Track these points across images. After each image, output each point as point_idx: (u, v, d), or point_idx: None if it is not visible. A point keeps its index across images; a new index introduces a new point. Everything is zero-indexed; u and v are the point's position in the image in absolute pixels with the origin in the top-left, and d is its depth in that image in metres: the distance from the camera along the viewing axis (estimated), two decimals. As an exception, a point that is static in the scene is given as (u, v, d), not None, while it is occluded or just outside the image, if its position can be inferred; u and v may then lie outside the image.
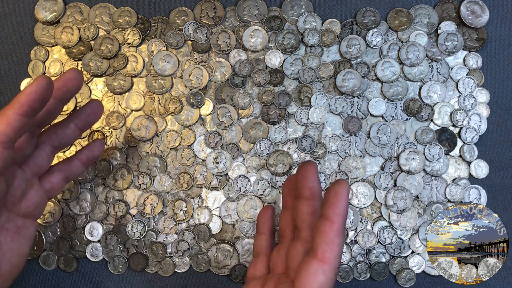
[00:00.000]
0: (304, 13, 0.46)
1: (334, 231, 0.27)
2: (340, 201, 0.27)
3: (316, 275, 0.27)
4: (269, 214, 0.38)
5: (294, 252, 0.32)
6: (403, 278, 0.44)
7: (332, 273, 0.27)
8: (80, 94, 0.45)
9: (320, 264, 0.27)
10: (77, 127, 0.37)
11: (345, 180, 0.28)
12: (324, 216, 0.28)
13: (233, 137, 0.45)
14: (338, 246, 0.27)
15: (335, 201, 0.27)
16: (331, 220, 0.27)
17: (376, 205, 0.45)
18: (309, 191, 0.31)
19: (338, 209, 0.27)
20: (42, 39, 0.46)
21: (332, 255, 0.27)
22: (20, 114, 0.30)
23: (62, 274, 0.45)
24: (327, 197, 0.28)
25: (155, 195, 0.44)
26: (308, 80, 0.45)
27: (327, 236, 0.27)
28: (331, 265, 0.27)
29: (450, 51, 0.45)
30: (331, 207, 0.27)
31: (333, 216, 0.27)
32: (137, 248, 0.44)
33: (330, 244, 0.27)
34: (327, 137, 0.45)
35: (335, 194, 0.27)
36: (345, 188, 0.27)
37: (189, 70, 0.45)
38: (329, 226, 0.27)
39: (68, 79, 0.33)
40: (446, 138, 0.45)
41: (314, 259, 0.28)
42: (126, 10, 0.46)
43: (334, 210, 0.27)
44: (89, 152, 0.39)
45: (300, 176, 0.31)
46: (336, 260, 0.28)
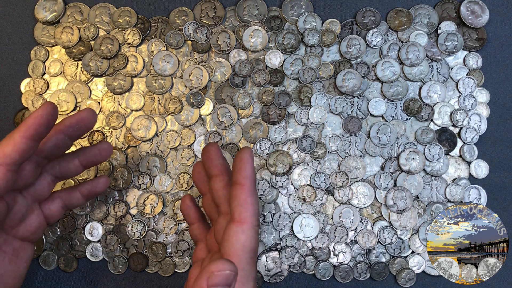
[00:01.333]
0: (304, 13, 0.46)
1: (245, 192, 0.30)
2: (245, 165, 0.30)
3: (236, 236, 0.30)
4: (189, 205, 0.38)
5: (218, 227, 0.33)
6: (403, 278, 0.44)
7: (251, 231, 0.30)
8: (80, 94, 0.45)
9: (238, 225, 0.30)
10: (81, 164, 0.37)
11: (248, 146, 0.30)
12: (234, 182, 0.30)
13: (233, 137, 0.45)
14: (252, 205, 0.30)
15: (241, 165, 0.30)
16: (240, 183, 0.30)
17: (376, 205, 0.45)
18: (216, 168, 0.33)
19: (245, 172, 0.30)
20: (42, 39, 0.46)
21: (247, 214, 0.30)
22: (26, 137, 0.30)
23: (62, 274, 0.45)
24: (234, 165, 0.31)
25: (155, 195, 0.44)
26: (308, 80, 0.45)
27: (239, 198, 0.30)
28: (248, 224, 0.30)
29: (450, 51, 0.45)
30: (238, 172, 0.30)
31: (241, 179, 0.30)
32: (137, 248, 0.44)
33: (244, 204, 0.30)
34: (327, 137, 0.45)
35: (240, 159, 0.30)
36: (247, 153, 0.30)
37: (189, 70, 0.45)
38: (240, 189, 0.30)
39: (81, 119, 0.34)
40: (446, 138, 0.45)
41: (232, 222, 0.30)
42: (126, 10, 0.46)
43: (241, 174, 0.30)
44: (91, 187, 0.39)
45: (205, 158, 0.34)
46: (252, 218, 0.30)
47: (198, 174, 0.36)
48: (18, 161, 0.31)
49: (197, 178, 0.37)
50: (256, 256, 0.31)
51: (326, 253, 0.44)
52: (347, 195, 0.44)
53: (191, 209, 0.38)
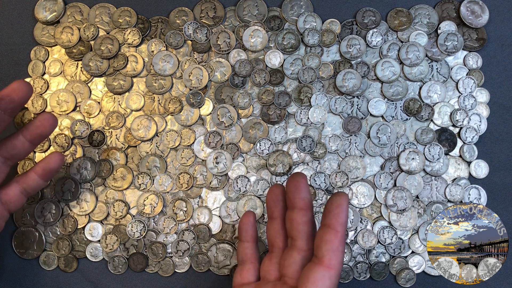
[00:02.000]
0: (304, 13, 0.46)
1: (339, 239, 0.30)
2: (342, 211, 0.30)
3: (323, 280, 0.29)
4: (251, 222, 0.38)
5: (290, 261, 0.33)
6: (403, 278, 0.44)
7: (336, 279, 0.30)
8: (80, 94, 0.45)
9: (326, 270, 0.30)
10: (25, 139, 0.36)
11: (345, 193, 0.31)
12: (328, 225, 0.30)
13: (233, 137, 0.45)
14: (342, 254, 0.30)
15: (338, 211, 0.30)
16: (335, 229, 0.30)
17: (376, 205, 0.45)
18: (303, 201, 0.33)
19: (341, 219, 0.30)
20: (42, 39, 0.46)
21: (337, 261, 0.30)
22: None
23: (62, 274, 0.45)
24: (330, 208, 0.30)
25: (155, 195, 0.44)
26: (308, 80, 0.45)
27: (332, 244, 0.30)
28: (336, 271, 0.30)
29: (450, 51, 0.45)
30: (334, 218, 0.30)
31: (336, 226, 0.30)
32: (137, 248, 0.44)
33: (336, 251, 0.30)
34: (327, 137, 0.45)
35: (338, 205, 0.30)
36: (346, 200, 0.30)
37: (189, 70, 0.45)
38: (334, 235, 0.30)
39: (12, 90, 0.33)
40: (446, 138, 0.45)
41: (320, 266, 0.30)
42: (126, 10, 0.46)
43: (337, 220, 0.30)
44: (44, 164, 0.38)
45: (293, 188, 0.33)
46: (340, 266, 0.30)
47: (275, 197, 0.36)
48: None
49: (273, 200, 0.36)
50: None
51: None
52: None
53: (252, 228, 0.38)
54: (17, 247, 0.44)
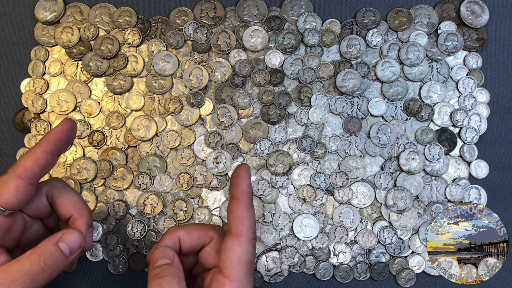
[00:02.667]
0: (304, 13, 0.46)
1: (242, 206, 0.31)
2: (242, 180, 0.31)
3: (232, 249, 0.30)
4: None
5: None
6: (403, 278, 0.44)
7: (247, 244, 0.31)
8: (80, 94, 0.45)
9: (234, 238, 0.31)
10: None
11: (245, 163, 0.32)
12: (231, 196, 0.31)
13: (233, 137, 0.45)
14: (248, 220, 0.31)
15: (238, 181, 0.31)
16: (237, 198, 0.31)
17: (376, 205, 0.45)
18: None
19: (242, 187, 0.31)
20: (42, 39, 0.46)
21: (244, 227, 0.31)
22: (46, 152, 0.32)
23: (62, 274, 0.44)
24: (231, 181, 0.31)
25: (155, 195, 0.44)
26: (308, 80, 0.45)
27: (236, 212, 0.31)
28: (245, 237, 0.31)
29: (450, 51, 0.45)
30: (235, 188, 0.31)
31: (238, 194, 0.31)
32: (137, 248, 0.44)
33: (240, 218, 0.31)
34: (327, 137, 0.45)
35: (237, 175, 0.31)
36: (244, 169, 0.31)
37: (189, 70, 0.45)
38: (237, 204, 0.31)
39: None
40: (446, 138, 0.45)
41: (229, 236, 0.31)
42: (126, 10, 0.46)
43: (238, 189, 0.31)
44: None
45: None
46: (248, 232, 0.31)
47: None
48: (38, 175, 0.32)
49: None
50: (253, 269, 0.32)
51: (326, 253, 0.44)
52: (347, 195, 0.44)
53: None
54: (17, 247, 0.44)
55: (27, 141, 0.45)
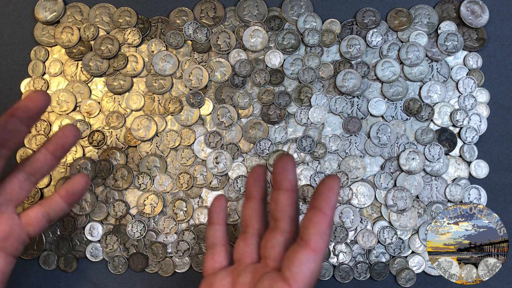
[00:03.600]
0: (304, 13, 0.46)
1: (327, 222, 0.29)
2: (333, 195, 0.29)
3: (308, 263, 0.29)
4: (222, 204, 0.37)
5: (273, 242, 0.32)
6: (403, 278, 0.44)
7: (321, 263, 0.30)
8: (80, 94, 0.45)
9: (312, 253, 0.29)
10: (48, 151, 0.35)
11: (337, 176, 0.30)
12: (317, 208, 0.29)
13: (233, 137, 0.45)
14: (328, 237, 0.29)
15: (329, 194, 0.29)
16: (324, 212, 0.29)
17: (376, 205, 0.45)
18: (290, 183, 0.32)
19: (332, 202, 0.29)
20: (42, 39, 0.46)
21: (323, 245, 0.29)
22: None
23: (62, 274, 0.45)
24: (321, 190, 0.29)
25: (155, 195, 0.44)
26: (308, 80, 0.45)
27: (320, 227, 0.29)
28: (322, 255, 0.29)
29: (450, 51, 0.45)
30: (325, 200, 0.29)
31: (326, 209, 0.29)
32: (137, 248, 0.44)
33: (323, 235, 0.29)
34: (327, 137, 0.45)
35: (329, 188, 0.29)
36: (337, 183, 0.29)
37: (189, 70, 0.45)
38: (323, 218, 0.29)
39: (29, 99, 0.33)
40: (446, 138, 0.45)
41: (306, 249, 0.29)
42: (126, 10, 0.46)
43: (327, 203, 0.29)
44: (68, 186, 0.37)
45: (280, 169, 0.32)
46: (326, 250, 0.30)
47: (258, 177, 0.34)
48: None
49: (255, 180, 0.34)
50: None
51: (326, 253, 0.44)
52: (347, 195, 0.44)
53: (223, 210, 0.36)
54: (17, 247, 0.44)
55: (27, 141, 0.45)
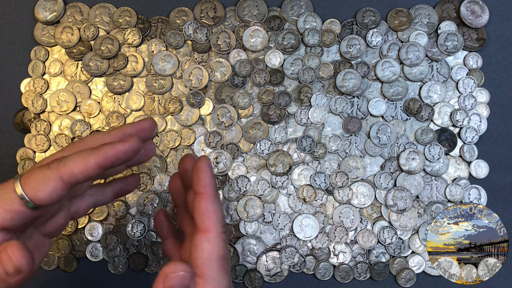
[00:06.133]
0: (304, 13, 0.46)
1: (205, 200, 0.29)
2: (203, 173, 0.29)
3: (201, 245, 0.29)
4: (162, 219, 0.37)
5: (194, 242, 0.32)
6: (403, 278, 0.44)
7: (217, 239, 0.29)
8: (80, 94, 0.45)
9: (202, 234, 0.29)
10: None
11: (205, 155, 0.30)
12: (194, 191, 0.30)
13: (233, 137, 0.45)
14: (214, 213, 0.29)
15: (199, 174, 0.29)
16: (200, 192, 0.29)
17: (376, 205, 0.45)
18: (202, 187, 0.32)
19: (203, 180, 0.29)
20: (42, 39, 0.46)
21: (210, 222, 0.29)
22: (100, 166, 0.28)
23: (62, 274, 0.45)
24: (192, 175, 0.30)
25: (155, 195, 0.44)
26: (308, 80, 0.45)
27: (200, 207, 0.29)
28: (213, 232, 0.29)
29: (450, 51, 0.45)
30: (197, 182, 0.29)
31: (200, 188, 0.29)
32: (137, 248, 0.44)
33: (206, 213, 0.29)
34: (327, 137, 0.45)
35: (197, 169, 0.29)
36: (204, 162, 0.29)
37: (189, 70, 0.45)
38: (200, 198, 0.29)
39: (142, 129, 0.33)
40: (446, 138, 0.45)
41: (197, 233, 0.29)
42: (126, 10, 0.46)
43: (200, 183, 0.29)
44: (124, 185, 0.37)
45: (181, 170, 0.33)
46: (216, 226, 0.29)
47: (174, 185, 0.35)
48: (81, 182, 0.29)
49: (173, 188, 0.35)
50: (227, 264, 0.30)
51: (326, 253, 0.44)
52: (347, 195, 0.44)
53: (164, 224, 0.36)
54: (17, 247, 0.44)
55: (27, 141, 0.45)
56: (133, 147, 0.29)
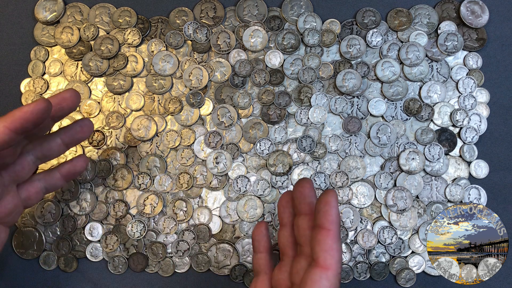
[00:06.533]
0: (304, 13, 0.46)
1: (331, 237, 0.29)
2: (331, 209, 0.29)
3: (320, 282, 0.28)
4: (263, 231, 0.37)
5: (298, 268, 0.32)
6: (403, 278, 0.44)
7: (335, 279, 0.29)
8: (80, 94, 0.45)
9: (322, 271, 0.28)
10: (63, 142, 0.37)
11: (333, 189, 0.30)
12: (319, 225, 0.29)
13: (233, 137, 0.45)
14: (337, 252, 0.29)
15: (327, 209, 0.29)
16: (326, 228, 0.29)
17: (376, 205, 0.45)
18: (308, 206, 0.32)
19: (331, 216, 0.29)
20: (42, 39, 0.46)
21: (333, 261, 0.29)
22: (10, 129, 0.30)
23: (62, 274, 0.45)
24: (318, 207, 0.29)
25: (155, 195, 0.44)
26: (308, 80, 0.45)
27: (325, 243, 0.29)
28: (333, 271, 0.29)
29: (450, 51, 0.45)
30: (324, 216, 0.29)
31: (327, 224, 0.29)
32: (137, 248, 0.44)
33: (330, 251, 0.29)
34: (327, 137, 0.45)
35: (326, 203, 0.29)
36: (333, 196, 0.29)
37: (189, 70, 0.45)
38: (326, 234, 0.29)
39: (63, 99, 0.33)
40: (446, 138, 0.45)
41: (316, 268, 0.29)
42: (126, 10, 0.46)
43: (327, 218, 0.29)
44: (70, 166, 0.38)
45: (298, 194, 0.32)
46: (337, 265, 0.29)
47: (286, 203, 0.35)
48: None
49: (283, 206, 0.35)
50: None
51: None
52: (347, 195, 0.44)
53: (264, 237, 0.36)
54: (17, 247, 0.44)
55: (27, 141, 0.45)
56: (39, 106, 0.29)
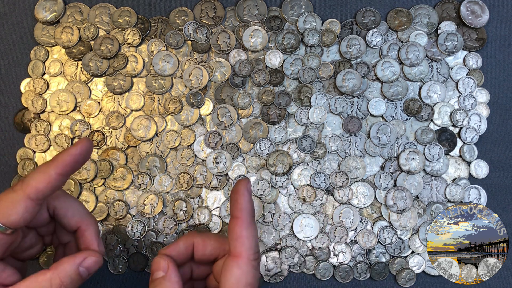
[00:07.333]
0: (304, 13, 0.46)
1: (240, 225, 0.29)
2: (240, 197, 0.29)
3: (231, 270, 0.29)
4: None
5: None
6: (403, 278, 0.44)
7: (247, 266, 0.29)
8: (80, 94, 0.45)
9: (233, 259, 0.29)
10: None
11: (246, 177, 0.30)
12: (232, 215, 0.30)
13: (233, 137, 0.45)
14: (247, 239, 0.29)
15: (236, 198, 0.29)
16: (236, 216, 0.29)
17: (376, 205, 0.45)
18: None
19: (240, 205, 0.29)
20: (42, 39, 0.46)
21: (242, 248, 0.29)
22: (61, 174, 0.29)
23: (62, 274, 0.45)
24: (230, 198, 0.30)
25: (155, 195, 0.44)
26: (308, 80, 0.45)
27: (234, 232, 0.29)
28: (244, 258, 0.29)
29: (450, 51, 0.45)
30: (234, 205, 0.29)
31: (236, 212, 0.29)
32: (137, 248, 0.44)
33: (239, 238, 0.29)
34: (327, 137, 0.45)
35: (235, 192, 0.29)
36: (243, 185, 0.29)
37: (189, 70, 0.45)
38: (235, 222, 0.29)
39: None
40: (446, 138, 0.45)
41: (228, 257, 0.29)
42: (126, 10, 0.46)
43: (236, 207, 0.29)
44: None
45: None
46: (248, 252, 0.29)
47: None
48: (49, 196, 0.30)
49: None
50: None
51: (326, 253, 0.44)
52: (347, 195, 0.44)
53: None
54: (17, 247, 0.44)
55: (27, 141, 0.45)
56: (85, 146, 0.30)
